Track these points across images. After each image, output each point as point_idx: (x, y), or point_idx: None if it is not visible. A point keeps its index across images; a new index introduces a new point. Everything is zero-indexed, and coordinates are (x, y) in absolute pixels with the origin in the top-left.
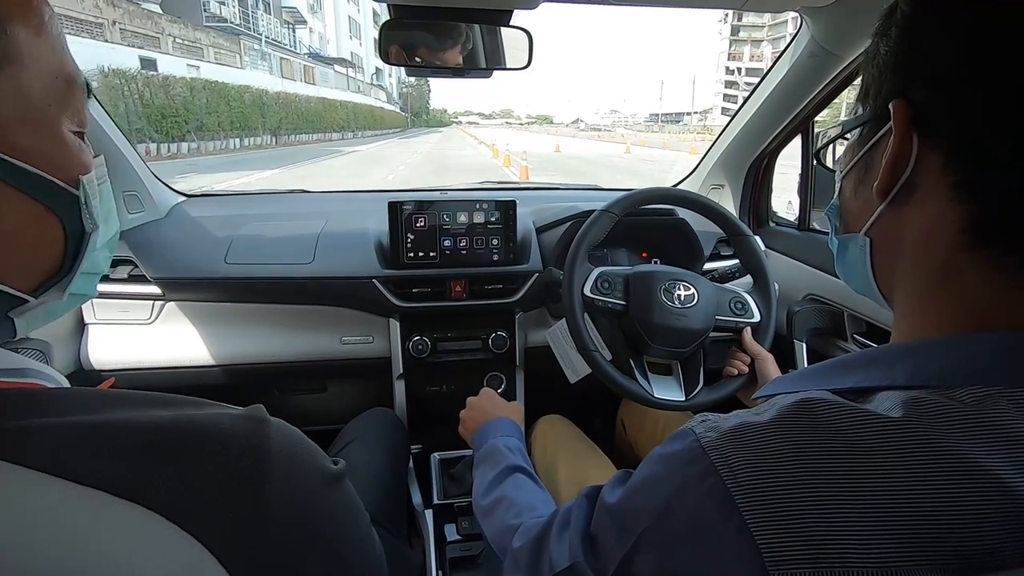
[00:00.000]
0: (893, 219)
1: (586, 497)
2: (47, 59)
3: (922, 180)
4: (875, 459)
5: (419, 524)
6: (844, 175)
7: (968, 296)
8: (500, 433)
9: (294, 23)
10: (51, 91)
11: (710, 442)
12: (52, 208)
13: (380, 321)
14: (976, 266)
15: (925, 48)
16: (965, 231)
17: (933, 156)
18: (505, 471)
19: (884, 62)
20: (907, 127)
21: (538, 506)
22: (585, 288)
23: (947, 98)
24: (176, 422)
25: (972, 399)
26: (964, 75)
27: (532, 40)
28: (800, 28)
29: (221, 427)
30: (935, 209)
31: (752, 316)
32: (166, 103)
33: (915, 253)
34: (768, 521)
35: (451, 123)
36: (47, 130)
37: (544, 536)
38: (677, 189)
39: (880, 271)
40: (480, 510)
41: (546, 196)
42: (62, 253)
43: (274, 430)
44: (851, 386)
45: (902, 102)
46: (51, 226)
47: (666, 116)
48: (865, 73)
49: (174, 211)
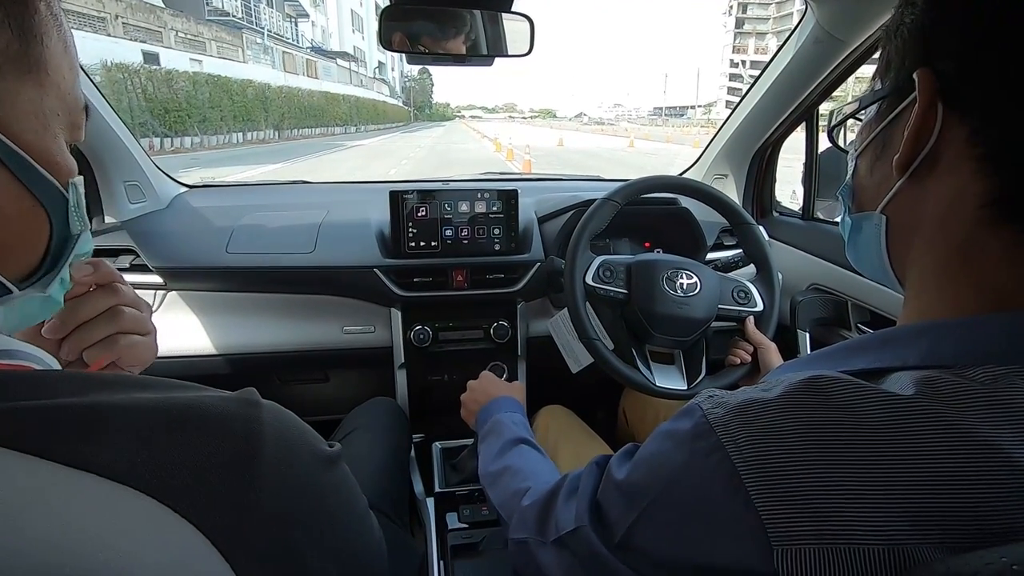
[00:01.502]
0: (911, 195)
1: (596, 464)
2: (66, 76)
3: (945, 153)
4: (885, 436)
5: (421, 512)
6: (860, 153)
7: (987, 274)
8: (504, 409)
9: (296, 17)
10: (62, 104)
11: (717, 418)
12: (43, 203)
13: (382, 311)
14: (997, 243)
15: (955, 16)
16: (988, 206)
17: (959, 128)
18: (510, 443)
19: (909, 32)
20: (932, 97)
21: (544, 473)
22: (587, 277)
23: (977, 67)
24: (166, 404)
25: (986, 378)
26: (996, 44)
27: (533, 26)
28: (805, 14)
29: (212, 409)
30: (958, 183)
31: (755, 305)
32: (169, 97)
33: (933, 230)
34: (773, 497)
35: (454, 117)
36: (50, 134)
37: (552, 499)
38: (680, 178)
39: (895, 250)
40: (487, 478)
41: (548, 186)
42: (45, 250)
43: (266, 412)
44: (863, 367)
45: (928, 72)
46: (40, 220)
47: (670, 110)
48: (886, 46)
49: (175, 201)
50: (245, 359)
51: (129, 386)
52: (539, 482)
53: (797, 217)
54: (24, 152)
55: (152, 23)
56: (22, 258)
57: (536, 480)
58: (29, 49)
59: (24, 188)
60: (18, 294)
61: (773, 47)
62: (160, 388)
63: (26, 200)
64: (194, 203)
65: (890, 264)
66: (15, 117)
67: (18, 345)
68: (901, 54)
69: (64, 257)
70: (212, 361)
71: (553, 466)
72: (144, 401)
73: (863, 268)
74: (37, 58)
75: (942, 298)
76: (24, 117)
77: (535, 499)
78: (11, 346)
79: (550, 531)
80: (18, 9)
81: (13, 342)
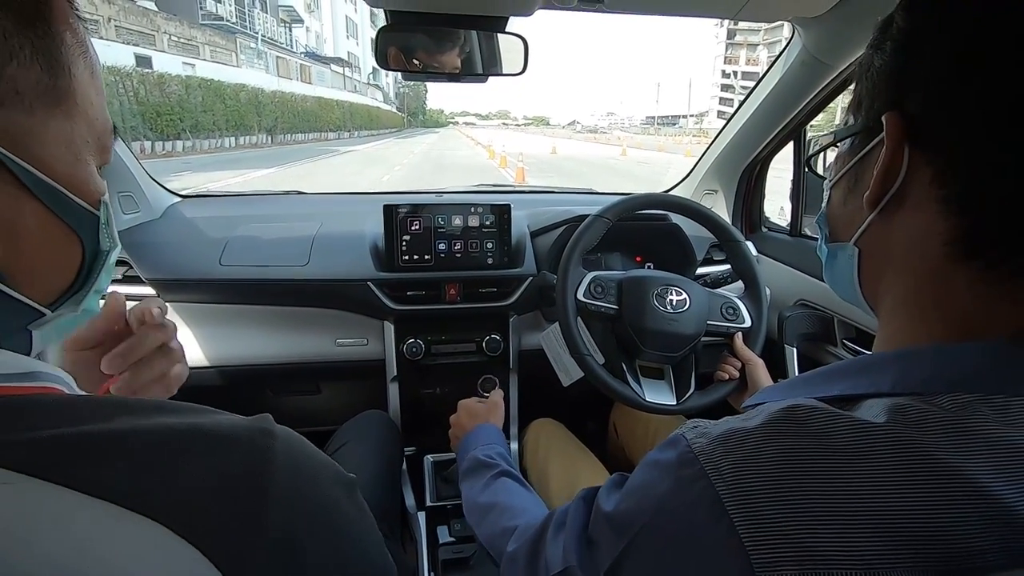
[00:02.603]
0: (882, 229)
1: (582, 499)
2: (95, 101)
3: (912, 192)
4: (858, 464)
5: (412, 526)
6: (833, 184)
7: (953, 306)
8: (478, 443)
9: (291, 22)
10: (91, 130)
11: (700, 447)
12: (75, 229)
13: (375, 323)
14: (962, 277)
15: (921, 63)
16: (953, 243)
17: (924, 169)
18: (490, 479)
19: (878, 74)
20: (900, 139)
21: (530, 507)
22: (579, 292)
23: (941, 113)
24: (180, 430)
25: (954, 406)
26: (959, 91)
27: (528, 46)
28: (792, 37)
29: (224, 436)
30: (924, 220)
31: (743, 322)
32: (161, 101)
33: (902, 263)
34: (755, 524)
35: (448, 123)
36: (81, 163)
37: (540, 538)
38: (670, 195)
39: (867, 280)
40: (473, 518)
41: (541, 200)
42: (78, 271)
43: (279, 441)
44: (838, 394)
45: (895, 114)
46: (72, 245)
47: (662, 119)
48: (858, 84)
49: (169, 212)
50: (238, 371)
51: (150, 411)
52: (526, 519)
53: (785, 233)
54: (55, 183)
55: (145, 26)
56: (54, 281)
57: (523, 517)
58: (58, 82)
59: (55, 217)
60: (51, 316)
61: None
62: (179, 413)
63: (57, 228)
64: (188, 213)
65: (863, 292)
66: (46, 150)
67: (41, 367)
68: (871, 94)
69: (95, 272)
70: (205, 373)
71: (536, 497)
72: (165, 428)
73: (839, 293)
74: (66, 89)
75: (912, 326)
76: (55, 149)
77: (522, 541)
78: (35, 368)
79: (540, 572)
80: (46, 43)
81: (36, 363)
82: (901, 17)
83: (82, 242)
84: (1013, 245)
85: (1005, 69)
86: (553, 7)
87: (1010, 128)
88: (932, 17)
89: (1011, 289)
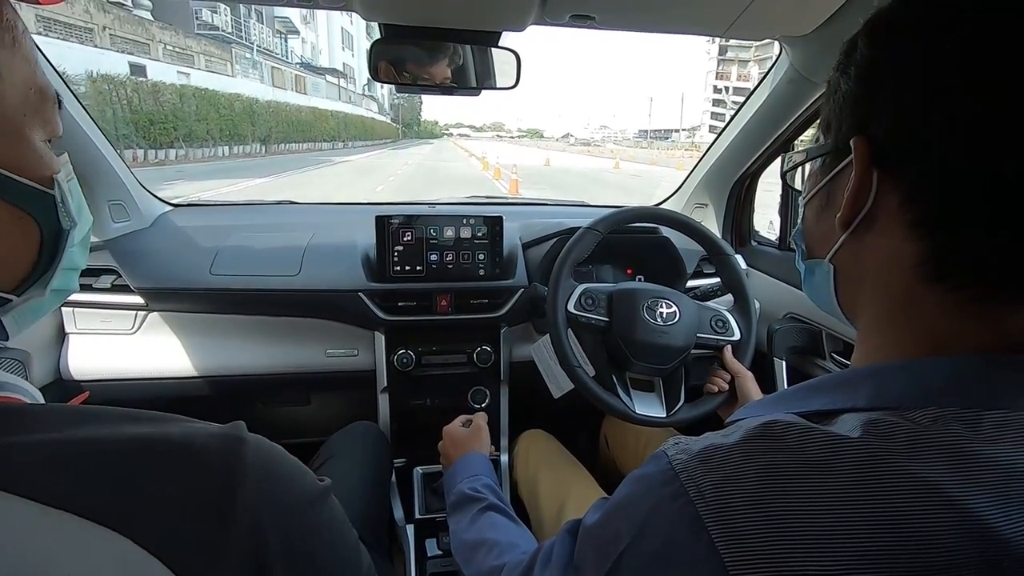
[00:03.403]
0: (854, 249)
1: (568, 532)
2: (20, 71)
3: (881, 215)
4: (833, 479)
5: (400, 539)
6: (807, 201)
7: (925, 323)
8: (464, 475)
9: (287, 33)
10: (24, 103)
11: (681, 464)
12: (28, 211)
13: (365, 334)
14: (932, 297)
15: (885, 91)
16: (921, 265)
17: (892, 194)
18: (477, 514)
19: (844, 98)
20: (867, 164)
21: (518, 543)
22: (569, 304)
23: (905, 141)
24: (149, 439)
25: (927, 420)
26: (921, 121)
27: (520, 60)
28: (780, 55)
29: (195, 445)
30: (893, 243)
31: (732, 335)
32: (155, 109)
33: (875, 282)
34: (734, 539)
35: (442, 135)
36: (21, 139)
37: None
38: (661, 209)
39: (844, 295)
40: (460, 557)
41: (533, 212)
42: (39, 252)
43: (250, 449)
44: (817, 408)
45: (863, 140)
46: (27, 227)
47: (655, 132)
48: (827, 104)
49: (160, 220)
50: (227, 381)
51: (116, 419)
52: (513, 556)
53: (774, 247)
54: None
55: (140, 35)
56: (14, 267)
57: (509, 554)
58: None
59: (3, 202)
60: (18, 300)
61: (755, 74)
62: (147, 422)
63: (7, 212)
64: (179, 222)
65: (842, 307)
66: None
67: (4, 377)
68: (839, 116)
69: (59, 252)
70: (193, 383)
71: (524, 531)
72: (129, 437)
73: (819, 306)
74: None
75: (887, 342)
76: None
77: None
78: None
79: None
80: None
81: (3, 375)
82: (864, 44)
83: (38, 223)
84: (978, 271)
85: (966, 100)
86: (545, 23)
87: (972, 157)
88: (892, 48)
89: (978, 310)
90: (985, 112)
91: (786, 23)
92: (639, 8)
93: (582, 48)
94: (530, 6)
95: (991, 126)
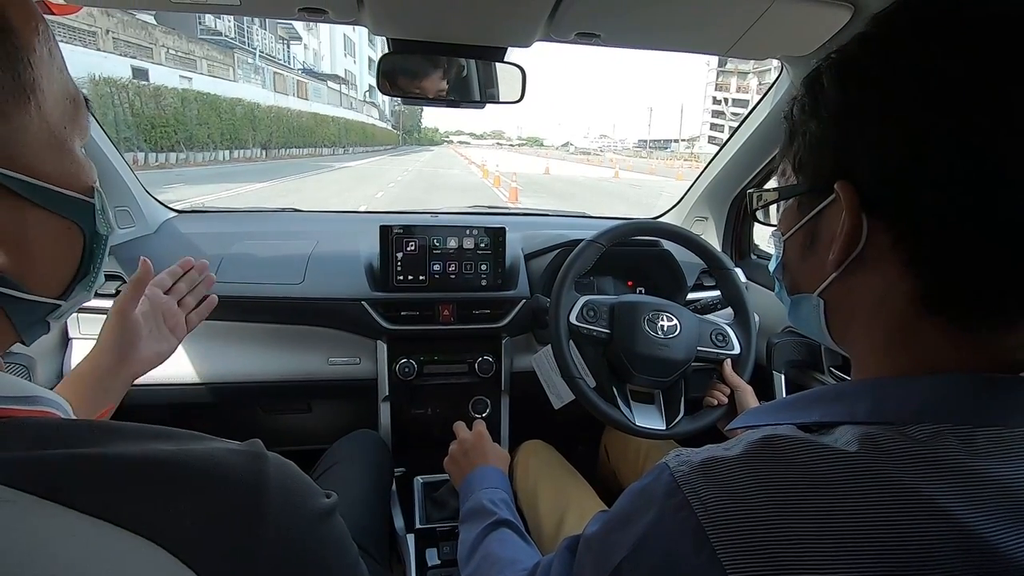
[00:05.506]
0: (846, 286)
1: (567, 549)
2: (58, 81)
3: (873, 254)
4: (831, 492)
5: (400, 549)
6: (787, 238)
7: (923, 353)
8: (486, 485)
9: (289, 39)
10: (64, 114)
11: (683, 476)
12: (77, 221)
13: (368, 343)
14: (930, 329)
15: (867, 139)
16: (917, 300)
17: (884, 235)
18: (490, 527)
19: (818, 140)
20: (856, 208)
21: (522, 559)
22: (571, 316)
23: (894, 189)
24: (175, 456)
25: (922, 435)
26: (908, 169)
27: (525, 76)
28: (781, 73)
29: (219, 461)
30: (888, 280)
31: (732, 348)
32: (156, 113)
33: (870, 314)
34: (735, 551)
35: (442, 142)
36: (66, 150)
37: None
38: (662, 222)
39: (835, 328)
40: (464, 564)
41: (535, 222)
42: (81, 257)
43: (272, 466)
44: (816, 420)
45: (849, 185)
46: (75, 237)
47: (654, 142)
48: (794, 140)
49: (164, 227)
50: (229, 388)
51: (147, 437)
52: (514, 570)
53: None
54: (49, 184)
55: (143, 39)
56: (63, 274)
57: (511, 568)
58: (21, 75)
59: (56, 216)
60: (67, 305)
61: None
62: (174, 439)
63: (60, 224)
64: (183, 229)
65: (833, 338)
66: (32, 151)
67: (42, 392)
68: (814, 157)
69: (97, 256)
70: (195, 389)
71: (533, 549)
72: (159, 453)
73: (809, 335)
74: (29, 80)
75: (883, 369)
76: (39, 149)
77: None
78: (35, 392)
79: None
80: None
81: (38, 389)
82: (833, 87)
83: (83, 231)
84: (974, 304)
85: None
86: (551, 39)
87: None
88: (866, 97)
89: (974, 338)
90: (975, 157)
91: (788, 44)
92: (643, 27)
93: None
94: (537, 24)
95: (981, 170)
